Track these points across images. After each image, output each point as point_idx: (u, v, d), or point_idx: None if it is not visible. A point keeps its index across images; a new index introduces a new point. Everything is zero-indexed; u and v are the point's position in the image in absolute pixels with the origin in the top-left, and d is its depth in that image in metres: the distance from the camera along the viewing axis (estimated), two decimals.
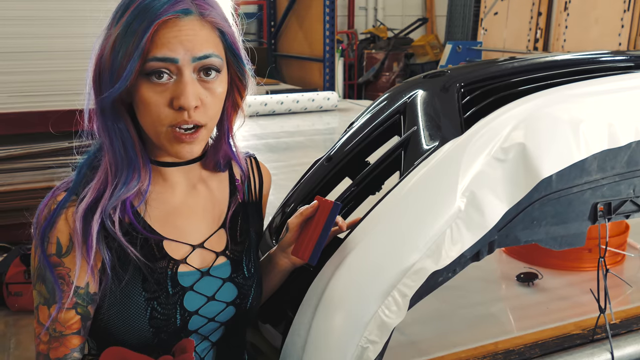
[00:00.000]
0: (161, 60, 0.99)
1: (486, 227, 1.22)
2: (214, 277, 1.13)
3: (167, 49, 0.99)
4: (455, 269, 1.24)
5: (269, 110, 4.84)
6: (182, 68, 1.00)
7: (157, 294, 1.07)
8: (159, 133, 1.04)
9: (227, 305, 1.13)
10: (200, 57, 1.01)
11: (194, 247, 1.12)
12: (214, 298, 1.12)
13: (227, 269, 1.15)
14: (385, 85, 9.82)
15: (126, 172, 1.05)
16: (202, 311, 1.11)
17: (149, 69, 1.00)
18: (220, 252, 1.15)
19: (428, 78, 1.59)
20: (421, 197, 1.23)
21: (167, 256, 1.09)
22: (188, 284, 1.10)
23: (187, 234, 1.13)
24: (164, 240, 1.10)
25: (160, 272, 1.08)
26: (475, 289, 1.77)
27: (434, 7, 10.91)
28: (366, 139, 1.52)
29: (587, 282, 1.76)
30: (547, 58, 1.70)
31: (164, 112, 1.01)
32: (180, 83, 1.00)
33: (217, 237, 1.16)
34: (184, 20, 1.01)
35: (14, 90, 2.83)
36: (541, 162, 1.24)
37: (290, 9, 8.68)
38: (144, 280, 1.06)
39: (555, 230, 1.33)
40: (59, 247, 1.04)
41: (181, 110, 1.01)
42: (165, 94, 1.01)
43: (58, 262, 1.04)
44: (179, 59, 1.00)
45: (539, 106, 1.30)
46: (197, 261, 1.12)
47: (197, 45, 1.01)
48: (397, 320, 1.17)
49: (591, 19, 7.12)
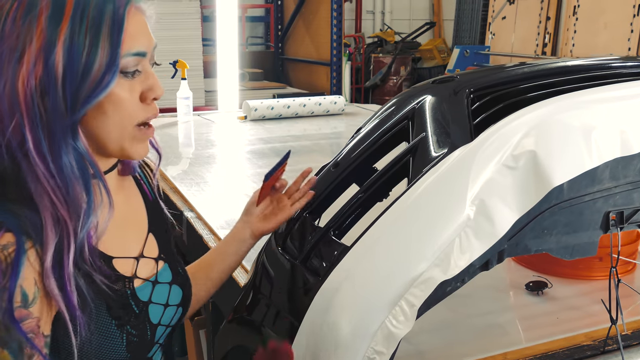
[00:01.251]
0: (136, 55, 0.93)
1: (496, 236, 1.20)
2: (162, 284, 1.11)
3: (138, 42, 0.93)
4: (464, 278, 1.22)
5: (276, 114, 4.82)
6: (146, 60, 0.96)
7: (127, 318, 1.01)
8: (124, 135, 0.95)
9: (177, 307, 1.14)
10: (154, 47, 0.98)
11: (137, 259, 1.08)
12: (168, 304, 1.11)
13: (168, 273, 1.14)
14: (392, 89, 9.80)
15: (87, 196, 0.91)
16: (163, 320, 1.09)
17: (124, 67, 0.91)
18: (157, 258, 1.12)
19: (437, 83, 1.57)
20: (430, 205, 1.21)
21: (120, 276, 1.03)
22: (146, 298, 1.06)
23: (125, 247, 1.07)
24: (113, 259, 1.02)
25: (121, 293, 1.01)
26: (484, 298, 1.74)
27: (442, 11, 10.89)
28: (374, 145, 1.50)
29: (597, 292, 1.73)
30: (557, 63, 1.67)
31: (135, 108, 0.95)
32: (149, 75, 0.96)
33: (149, 243, 1.12)
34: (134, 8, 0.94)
35: None
36: (552, 170, 1.21)
37: (297, 13, 8.67)
38: (109, 307, 0.99)
39: (566, 240, 1.31)
40: (24, 297, 0.86)
41: (152, 102, 0.96)
42: (136, 89, 0.95)
43: (25, 315, 0.86)
44: (147, 52, 0.95)
45: (551, 113, 1.28)
46: (144, 272, 1.08)
47: (151, 36, 0.97)
48: (405, 331, 1.15)
49: (600, 23, 7.08)
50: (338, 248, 1.28)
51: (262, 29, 10.04)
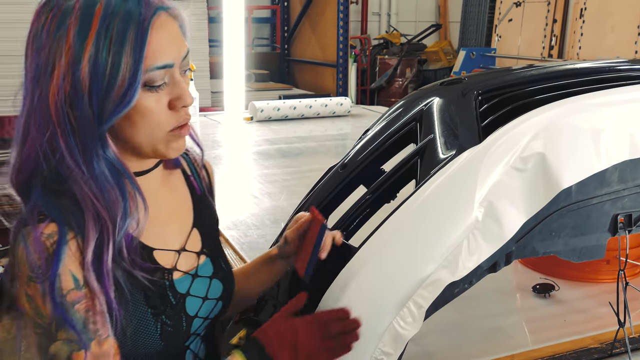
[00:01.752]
0: (162, 68, 0.94)
1: (504, 238, 1.20)
2: (203, 277, 1.13)
3: (165, 55, 0.94)
4: (472, 280, 1.22)
5: (282, 115, 4.83)
6: (175, 70, 0.97)
7: (163, 307, 1.05)
8: (157, 141, 0.98)
9: (217, 301, 1.15)
10: (185, 56, 0.98)
11: (179, 252, 1.11)
12: (207, 298, 1.13)
13: (210, 267, 1.16)
14: (398, 91, 9.80)
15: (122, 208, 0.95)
16: (200, 312, 1.11)
17: (150, 81, 0.93)
18: (199, 252, 1.15)
19: (445, 85, 1.57)
20: (438, 207, 1.21)
21: (160, 267, 1.07)
22: (185, 290, 1.09)
23: (168, 240, 1.11)
24: (154, 250, 1.07)
25: (159, 284, 1.06)
26: (491, 300, 1.74)
27: (448, 13, 10.88)
28: (381, 147, 1.50)
29: (605, 295, 1.73)
30: (565, 66, 1.67)
31: (164, 117, 0.97)
32: (176, 84, 0.97)
33: (193, 238, 1.15)
34: (162, 17, 0.95)
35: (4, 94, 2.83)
36: (561, 173, 1.21)
37: (303, 14, 8.69)
38: (146, 297, 1.03)
39: (575, 242, 1.31)
40: (76, 280, 0.94)
41: (182, 109, 0.98)
42: (163, 100, 0.96)
43: (80, 296, 0.94)
44: (174, 63, 0.96)
45: (559, 115, 1.28)
46: (185, 265, 1.12)
47: (181, 44, 0.98)
48: (413, 332, 1.15)
49: (607, 26, 7.07)
50: (346, 249, 1.27)
51: (268, 30, 10.05)
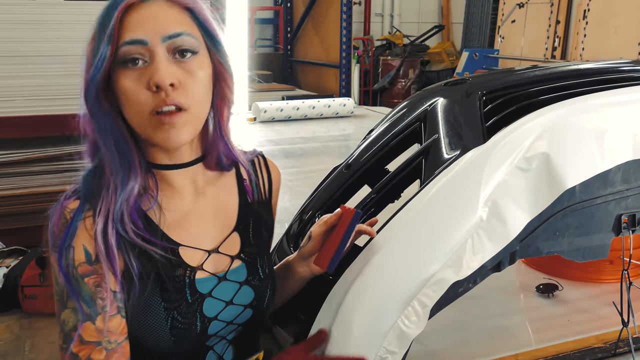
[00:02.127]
0: (130, 43, 0.98)
1: (508, 238, 1.20)
2: (231, 282, 1.11)
3: (135, 31, 0.98)
4: (476, 279, 1.22)
5: (285, 116, 4.84)
6: (154, 49, 0.99)
7: (177, 303, 1.05)
8: (144, 123, 1.01)
9: (244, 308, 1.12)
10: (170, 36, 1.00)
11: (209, 253, 1.11)
12: (232, 302, 1.11)
13: (243, 273, 1.13)
14: (400, 92, 9.80)
15: (122, 171, 1.03)
16: (221, 316, 1.10)
17: (123, 56, 0.98)
18: (235, 256, 1.13)
19: (449, 86, 1.58)
20: (442, 206, 1.21)
21: (183, 263, 1.07)
22: (206, 291, 1.08)
23: (200, 239, 1.11)
24: (180, 247, 1.08)
25: (178, 280, 1.06)
26: (495, 300, 1.75)
27: (451, 14, 10.89)
28: (386, 147, 1.50)
29: (608, 295, 1.73)
30: (569, 67, 1.68)
31: (142, 96, 0.99)
32: (153, 63, 0.99)
33: (230, 241, 1.14)
34: (150, 3, 1.01)
35: (30, 94, 2.85)
36: (565, 173, 1.22)
37: (306, 15, 8.70)
38: (163, 290, 1.04)
39: (578, 242, 1.31)
40: (87, 255, 1.01)
41: (158, 90, 0.98)
42: (141, 78, 0.99)
43: (91, 270, 1.00)
44: (148, 40, 0.98)
45: (563, 115, 1.28)
46: (213, 266, 1.11)
47: (166, 24, 1.00)
48: (417, 331, 1.16)
49: (610, 28, 7.07)
50: (350, 248, 1.28)
51: (271, 31, 10.06)
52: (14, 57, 2.79)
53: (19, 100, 2.81)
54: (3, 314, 2.23)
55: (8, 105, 2.77)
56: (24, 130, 2.75)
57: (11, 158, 2.75)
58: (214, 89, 1.09)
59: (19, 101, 2.81)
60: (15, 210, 2.74)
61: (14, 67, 2.79)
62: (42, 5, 3.03)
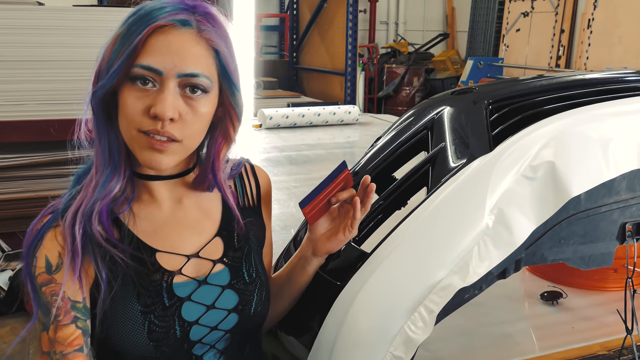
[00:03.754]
0: (145, 68, 0.99)
1: (514, 245, 1.21)
2: (213, 285, 1.11)
3: (155, 58, 0.99)
4: (482, 286, 1.24)
5: (290, 123, 4.86)
6: (166, 80, 0.99)
7: (154, 307, 1.05)
8: (132, 137, 1.02)
9: (228, 312, 1.12)
10: (186, 74, 1.00)
11: (188, 257, 1.11)
12: (213, 306, 1.10)
13: (226, 276, 1.13)
14: (405, 99, 9.82)
15: (107, 171, 1.05)
16: (202, 320, 1.09)
17: (134, 74, 1.00)
18: (217, 260, 1.13)
19: (456, 94, 1.59)
20: (449, 214, 1.22)
21: (161, 268, 1.08)
22: (185, 294, 1.09)
23: (179, 245, 1.12)
24: (157, 252, 1.09)
25: (155, 284, 1.07)
26: (499, 307, 1.76)
27: (456, 22, 10.92)
28: (393, 154, 1.52)
29: (612, 303, 1.74)
30: (575, 77, 1.69)
31: (138, 117, 1.00)
32: (161, 93, 0.99)
33: (212, 246, 1.14)
34: (180, 31, 1.01)
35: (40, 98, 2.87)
36: (570, 181, 1.23)
37: (312, 23, 8.73)
38: (139, 294, 1.05)
39: (583, 250, 1.32)
40: (47, 264, 1.02)
41: (156, 119, 0.99)
42: (145, 100, 1.00)
43: (49, 280, 1.02)
44: (164, 72, 0.99)
45: (569, 125, 1.30)
46: (193, 271, 1.11)
47: (187, 61, 1.00)
48: (423, 337, 1.17)
49: (615, 37, 7.08)
50: (358, 254, 1.30)
51: (276, 38, 10.10)
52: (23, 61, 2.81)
53: (29, 104, 2.83)
54: (8, 317, 2.25)
55: (18, 109, 2.79)
56: (34, 134, 2.77)
57: (18, 162, 2.77)
58: (220, 125, 1.11)
59: (29, 105, 2.83)
60: (22, 214, 2.76)
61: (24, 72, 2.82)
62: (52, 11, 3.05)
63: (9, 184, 2.78)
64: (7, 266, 2.49)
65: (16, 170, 2.78)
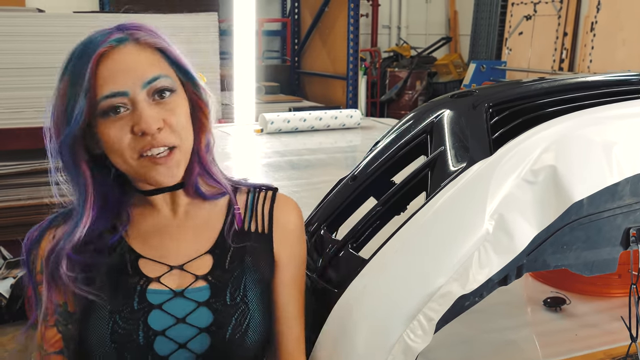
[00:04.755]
0: (111, 96, 1.00)
1: (515, 251, 1.19)
2: (188, 300, 1.09)
3: (113, 83, 1.00)
4: (483, 293, 1.21)
5: (292, 128, 4.84)
6: (135, 97, 1.01)
7: (122, 308, 1.06)
8: (133, 166, 1.04)
9: (199, 330, 1.07)
10: (149, 81, 1.02)
11: (171, 267, 1.11)
12: (184, 321, 1.07)
13: (205, 293, 1.10)
14: (407, 103, 9.80)
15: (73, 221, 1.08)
16: (169, 333, 1.06)
17: (102, 108, 1.01)
18: (200, 276, 1.11)
19: (455, 98, 1.57)
20: (448, 219, 1.20)
21: (140, 273, 1.09)
22: (157, 302, 1.07)
23: (167, 255, 1.11)
24: (141, 258, 1.09)
25: (129, 287, 1.07)
26: (501, 314, 1.73)
27: (458, 26, 10.90)
28: (392, 159, 1.50)
29: (617, 309, 1.72)
30: (577, 79, 1.67)
31: (127, 142, 1.01)
32: (137, 110, 1.01)
33: (200, 261, 1.12)
34: (121, 49, 1.02)
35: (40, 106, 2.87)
36: (572, 186, 1.21)
37: (314, 27, 8.73)
38: (112, 295, 1.06)
39: (586, 256, 1.30)
40: (42, 266, 1.08)
41: (144, 135, 1.01)
42: (125, 126, 1.02)
43: (41, 279, 1.09)
44: (129, 91, 1.00)
45: (571, 128, 1.28)
46: (173, 282, 1.10)
47: (143, 71, 1.02)
48: (423, 345, 1.15)
49: (618, 40, 7.06)
50: (356, 261, 1.28)
51: (278, 43, 10.10)
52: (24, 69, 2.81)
53: (28, 111, 2.83)
54: (10, 325, 2.24)
55: (18, 116, 2.79)
56: (34, 142, 2.76)
57: (19, 169, 2.76)
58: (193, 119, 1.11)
59: (28, 112, 2.83)
60: (22, 221, 2.75)
61: (24, 79, 2.82)
62: (52, 18, 3.06)
63: (9, 192, 2.78)
64: (9, 274, 2.48)
65: (16, 177, 2.78)
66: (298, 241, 1.22)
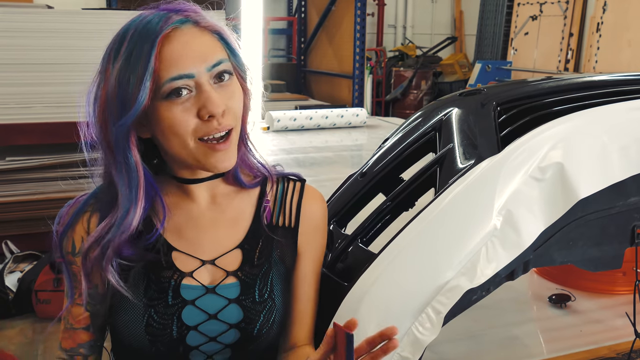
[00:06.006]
0: (177, 78, 0.98)
1: (522, 247, 1.21)
2: (219, 296, 1.09)
3: (179, 66, 0.99)
4: (490, 287, 1.23)
5: (298, 126, 4.86)
6: (200, 80, 1.00)
7: (157, 302, 1.06)
8: (190, 150, 1.02)
9: (230, 327, 1.09)
10: (214, 65, 1.01)
11: (203, 262, 1.10)
12: (216, 317, 1.08)
13: (236, 290, 1.10)
14: (412, 103, 9.81)
15: (123, 211, 1.05)
16: (201, 328, 1.08)
17: (166, 91, 0.98)
18: (231, 272, 1.11)
19: (464, 96, 1.59)
20: (457, 215, 1.22)
21: (173, 267, 1.08)
22: (190, 298, 1.08)
23: (200, 248, 1.11)
24: (174, 251, 1.09)
25: (164, 281, 1.07)
26: (507, 309, 1.75)
27: (464, 26, 10.90)
28: (401, 155, 1.52)
29: (621, 306, 1.73)
30: (583, 78, 1.69)
31: (192, 125, 1.00)
32: (203, 93, 0.99)
33: (231, 256, 1.12)
34: (184, 31, 1.01)
35: (48, 101, 2.89)
36: (579, 183, 1.23)
37: (320, 26, 8.74)
38: (147, 287, 1.07)
39: (592, 252, 1.32)
40: (73, 246, 1.10)
41: (210, 119, 1.00)
42: (190, 109, 1.00)
43: (72, 261, 1.11)
44: (195, 73, 0.99)
45: (578, 126, 1.29)
46: (205, 277, 1.10)
47: (207, 54, 1.01)
48: (431, 338, 1.16)
49: (624, 40, 7.05)
50: (365, 255, 1.29)
51: (284, 42, 10.11)
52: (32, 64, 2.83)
53: (37, 107, 2.84)
54: (17, 318, 2.25)
55: (26, 112, 2.81)
56: (42, 137, 2.78)
57: (27, 164, 2.78)
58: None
59: (37, 108, 2.84)
60: (30, 216, 2.77)
61: (32, 75, 2.83)
62: (60, 14, 3.07)
63: (17, 187, 2.80)
64: (16, 268, 2.50)
65: (24, 172, 2.80)
66: (322, 234, 1.22)
